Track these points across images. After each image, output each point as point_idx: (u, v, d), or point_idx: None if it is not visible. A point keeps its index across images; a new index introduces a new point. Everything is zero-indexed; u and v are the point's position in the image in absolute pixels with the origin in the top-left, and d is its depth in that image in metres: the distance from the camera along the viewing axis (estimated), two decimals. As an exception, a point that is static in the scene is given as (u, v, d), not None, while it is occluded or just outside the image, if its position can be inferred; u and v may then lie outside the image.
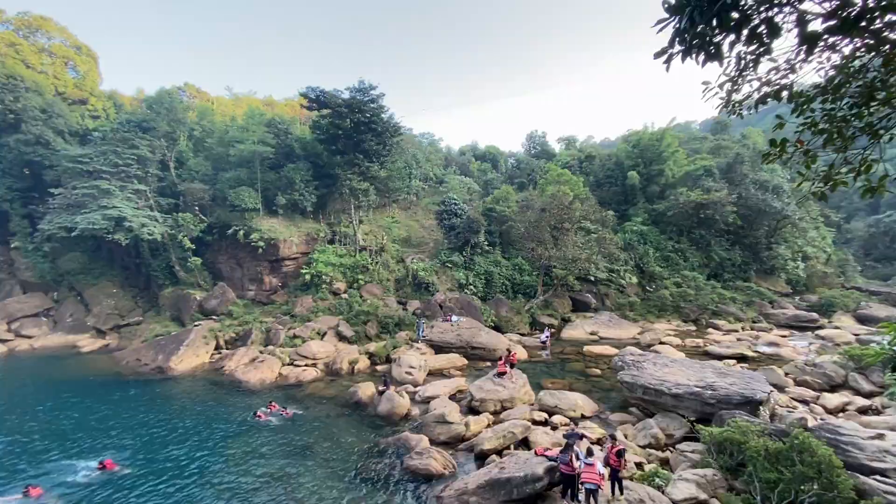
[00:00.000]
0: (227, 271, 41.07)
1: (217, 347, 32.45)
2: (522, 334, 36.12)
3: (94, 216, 34.38)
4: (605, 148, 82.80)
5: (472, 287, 40.60)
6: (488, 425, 18.62)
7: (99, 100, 49.69)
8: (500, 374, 22.20)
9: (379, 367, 28.50)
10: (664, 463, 15.51)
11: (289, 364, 28.74)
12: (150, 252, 39.88)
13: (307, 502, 14.22)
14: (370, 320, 34.20)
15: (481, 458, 16.02)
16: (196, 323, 34.64)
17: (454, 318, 33.90)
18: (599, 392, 23.26)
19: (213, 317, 36.10)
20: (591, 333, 35.78)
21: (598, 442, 16.62)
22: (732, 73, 5.78)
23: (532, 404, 20.81)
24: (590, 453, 12.24)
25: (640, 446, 16.61)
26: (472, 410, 20.49)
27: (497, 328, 35.85)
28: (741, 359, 27.99)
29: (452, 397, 22.28)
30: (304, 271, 39.07)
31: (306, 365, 28.53)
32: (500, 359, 23.25)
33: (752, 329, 36.86)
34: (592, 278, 42.42)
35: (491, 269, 42.34)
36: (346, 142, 41.31)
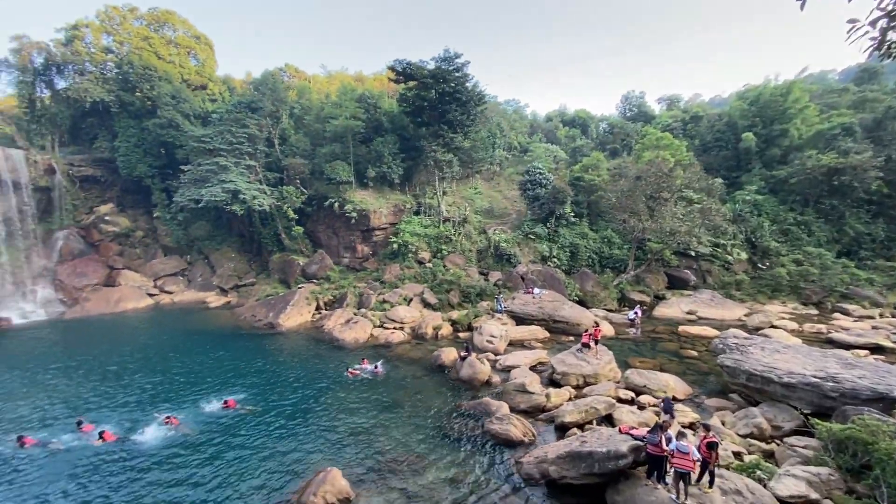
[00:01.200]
0: (325, 239, 44.55)
1: (317, 308, 35.83)
2: (609, 310, 34.61)
3: (216, 189, 39.10)
4: (714, 107, 73.60)
5: (555, 259, 39.55)
6: (570, 399, 18.47)
7: (216, 84, 55.46)
8: (585, 346, 21.71)
9: (461, 334, 29.38)
10: (768, 456, 14.20)
11: (379, 326, 30.83)
12: (261, 221, 44.53)
13: (395, 451, 15.47)
14: (453, 289, 35.13)
15: (561, 430, 16.03)
16: (299, 286, 38.44)
17: (536, 290, 33.48)
18: (694, 375, 21.71)
19: (314, 280, 39.73)
20: (689, 313, 33.10)
21: (691, 427, 15.66)
22: (890, 5, 4.73)
23: (617, 382, 20.11)
24: (682, 436, 11.61)
25: (739, 435, 15.34)
26: (553, 383, 20.40)
27: (581, 303, 34.75)
28: (876, 349, 24.06)
29: (533, 368, 22.34)
30: (392, 241, 41.04)
31: (394, 328, 30.37)
32: (586, 331, 22.64)
33: (893, 316, 31.33)
34: (693, 253, 38.85)
35: (577, 241, 40.73)
36: (431, 113, 41.65)
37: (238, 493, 13.49)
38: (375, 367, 23.36)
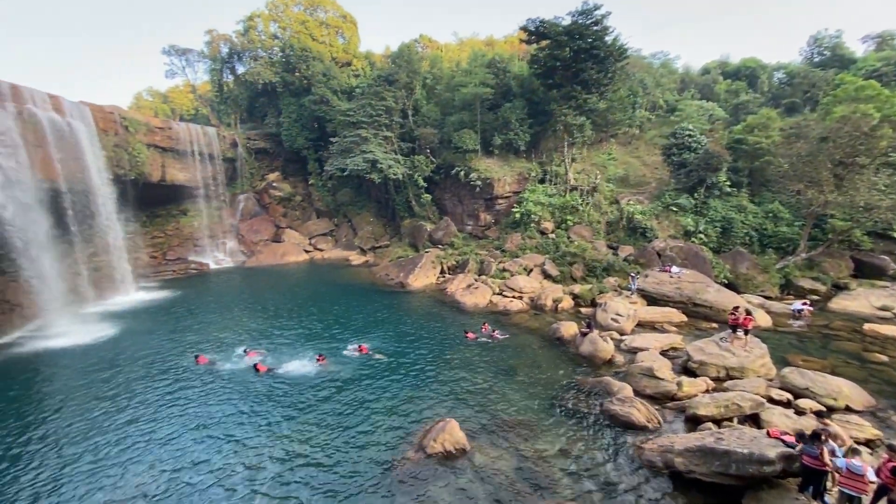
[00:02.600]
0: (451, 207, 46.16)
1: (441, 272, 37.79)
2: (767, 297, 29.55)
3: (357, 159, 43.03)
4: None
5: (701, 235, 34.87)
6: (706, 390, 16.56)
7: (359, 60, 59.92)
8: (733, 328, 19.12)
9: (583, 309, 28.22)
10: None
11: (498, 294, 31.30)
12: (395, 189, 47.92)
13: (509, 414, 15.88)
14: (576, 262, 33.63)
15: (692, 422, 14.56)
16: (426, 250, 40.85)
17: (675, 269, 30.15)
18: (880, 383, 17.58)
19: (439, 246, 41.79)
20: (882, 308, 26.49)
21: (868, 444, 12.87)
22: None
23: (770, 380, 17.33)
24: (854, 453, 9.63)
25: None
26: (687, 371, 18.49)
27: (731, 287, 30.24)
28: None
29: (664, 353, 20.46)
30: (514, 210, 40.64)
31: (513, 297, 30.52)
32: (734, 316, 19.67)
33: None
34: (895, 235, 30.66)
35: (731, 215, 35.18)
36: (564, 73, 39.10)
37: (369, 427, 15.37)
38: (493, 332, 23.92)
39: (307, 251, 50.25)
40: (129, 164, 37.45)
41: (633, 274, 30.26)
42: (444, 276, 37.24)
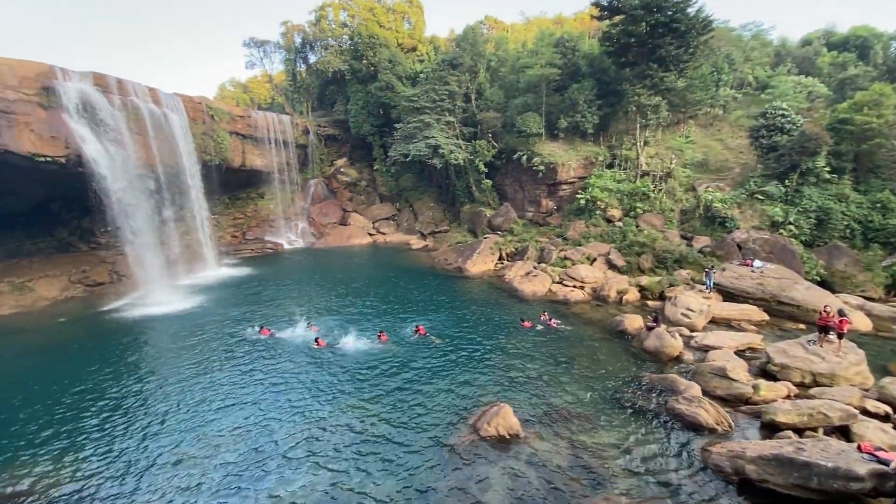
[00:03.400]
0: (511, 193, 45.46)
1: (500, 258, 37.54)
2: (869, 298, 26.21)
3: (420, 145, 43.53)
4: None
5: (791, 227, 31.47)
6: (787, 396, 15.20)
7: (424, 45, 60.08)
8: (823, 330, 17.25)
9: (650, 303, 26.78)
10: None
11: (558, 282, 30.57)
12: (455, 174, 48.00)
13: (565, 404, 15.64)
14: (645, 252, 31.85)
15: (769, 429, 13.44)
16: (485, 236, 40.72)
17: (757, 263, 27.59)
18: None
19: (498, 232, 41.47)
20: None
21: None
22: None
23: (866, 389, 15.51)
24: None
25: None
26: (766, 374, 17.02)
27: (824, 284, 27.17)
28: None
29: (739, 353, 18.99)
30: (579, 196, 39.14)
31: (574, 286, 29.66)
32: (824, 316, 17.60)
33: None
34: None
35: (829, 204, 31.37)
36: (639, 50, 36.53)
37: (425, 408, 15.86)
38: (550, 320, 23.50)
39: (371, 234, 52.10)
40: (214, 150, 40.77)
41: (708, 268, 27.84)
42: (502, 263, 36.97)
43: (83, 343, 23.28)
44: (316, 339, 21.52)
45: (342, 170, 58.07)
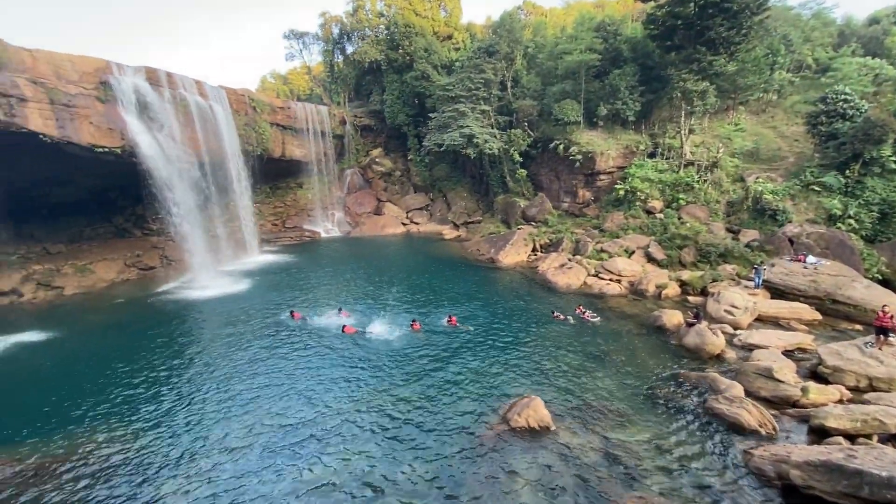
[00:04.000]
0: (547, 183, 44.59)
1: (533, 249, 37.06)
2: (939, 299, 24.11)
3: (454, 134, 43.31)
4: None
5: (850, 221, 29.26)
6: (839, 400, 14.31)
7: (460, 33, 59.38)
8: (882, 332, 16.12)
9: (690, 298, 25.77)
10: None
11: (593, 275, 29.88)
12: (490, 164, 47.54)
13: (598, 399, 15.40)
14: (687, 245, 30.56)
15: (818, 434, 12.74)
16: (519, 227, 40.26)
17: (811, 259, 25.91)
18: None
19: (532, 223, 40.87)
20: None
21: None
22: None
23: (931, 397, 14.35)
24: None
25: None
26: (816, 376, 16.07)
27: (887, 283, 25.18)
28: None
29: (787, 353, 17.99)
30: (617, 187, 37.90)
31: (610, 279, 28.92)
32: (883, 317, 16.43)
33: None
34: None
35: (895, 197, 28.97)
36: (686, 33, 34.67)
37: (456, 396, 16.03)
38: (585, 313, 23.06)
39: (404, 224, 52.60)
40: (256, 140, 42.16)
41: (757, 265, 26.26)
42: (535, 255, 36.49)
43: (138, 323, 24.93)
44: (343, 327, 22.10)
45: (377, 160, 58.73)
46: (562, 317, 23.08)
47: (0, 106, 23.49)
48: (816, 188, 31.58)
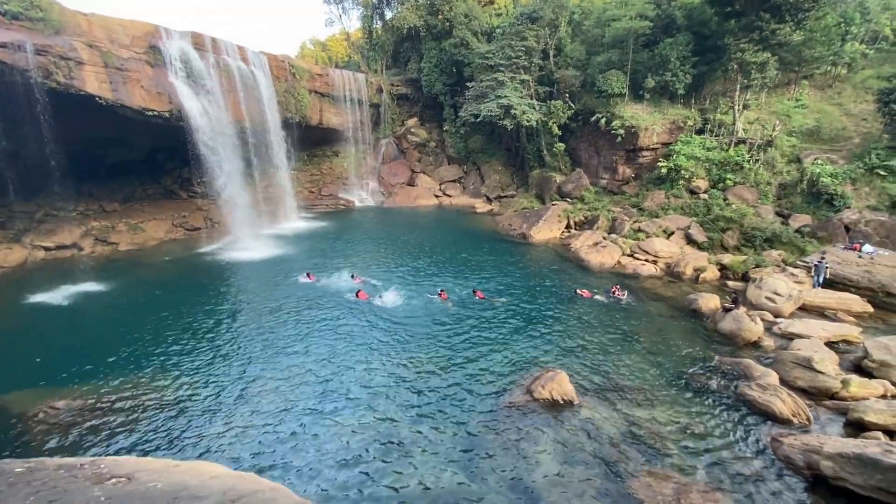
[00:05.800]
0: (585, 158, 43.21)
1: (567, 226, 36.40)
2: None
3: (491, 105, 42.30)
4: None
5: (918, 209, 27.08)
6: (883, 395, 13.70)
7: (502, -2, 57.14)
8: None
9: (730, 283, 24.79)
10: None
11: (628, 255, 29.18)
12: (526, 137, 46.39)
13: (624, 377, 15.38)
14: (731, 228, 29.20)
15: (855, 427, 12.33)
16: (553, 202, 39.48)
17: (867, 248, 24.30)
18: None
19: (568, 199, 39.97)
20: None
21: None
22: None
23: None
24: None
25: None
26: (860, 370, 15.38)
27: (953, 277, 23.36)
28: None
29: (830, 345, 17.22)
30: (661, 164, 36.28)
31: (646, 260, 28.18)
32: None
33: None
34: None
35: (974, 184, 26.45)
36: (749, -1, 32.01)
37: (480, 366, 16.37)
38: (614, 290, 22.73)
39: (437, 196, 52.55)
40: (295, 107, 42.68)
41: (817, 261, 23.38)
42: (569, 232, 35.85)
43: (185, 280, 26.56)
44: (357, 293, 22.74)
45: (412, 130, 58.34)
46: (588, 294, 22.84)
47: (60, 69, 24.73)
48: (882, 172, 29.19)
